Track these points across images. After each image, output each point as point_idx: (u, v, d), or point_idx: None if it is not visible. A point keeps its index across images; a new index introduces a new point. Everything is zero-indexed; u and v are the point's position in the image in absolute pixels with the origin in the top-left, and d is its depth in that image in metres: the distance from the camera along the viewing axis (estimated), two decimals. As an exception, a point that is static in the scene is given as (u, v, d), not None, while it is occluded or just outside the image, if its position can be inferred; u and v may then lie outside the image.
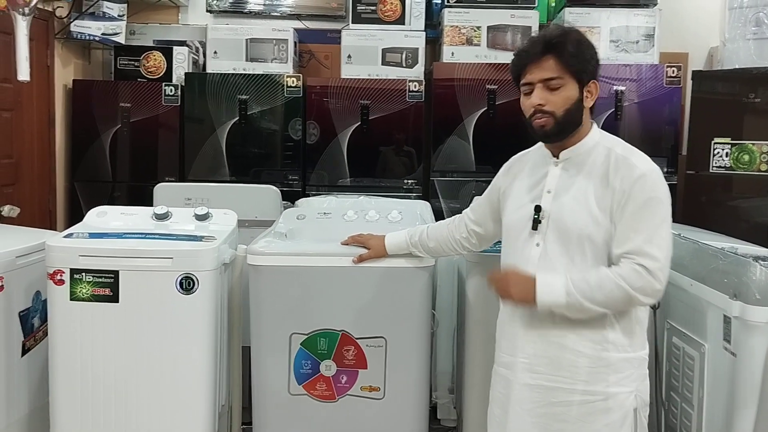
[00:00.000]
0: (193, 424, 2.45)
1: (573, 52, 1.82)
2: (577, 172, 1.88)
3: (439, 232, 2.30)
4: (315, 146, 4.13)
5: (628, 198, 1.78)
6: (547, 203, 1.89)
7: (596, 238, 1.82)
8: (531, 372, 1.92)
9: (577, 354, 1.86)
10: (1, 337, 2.47)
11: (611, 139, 1.92)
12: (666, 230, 1.79)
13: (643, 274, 1.75)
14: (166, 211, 2.65)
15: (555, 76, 1.83)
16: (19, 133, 3.72)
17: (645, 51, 4.15)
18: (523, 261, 1.91)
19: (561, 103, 1.84)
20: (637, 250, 1.76)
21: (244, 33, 4.28)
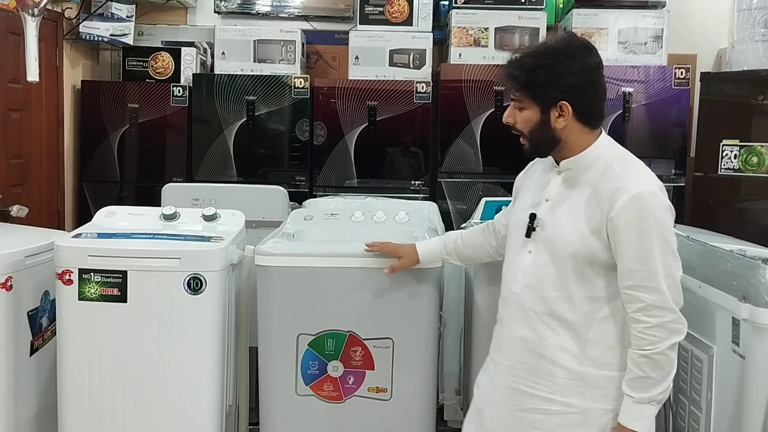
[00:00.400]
0: (201, 424, 2.45)
1: (524, 81, 1.82)
2: (575, 185, 1.86)
3: (474, 239, 2.28)
4: (322, 147, 4.14)
5: (618, 226, 1.75)
6: (544, 212, 1.89)
7: (580, 255, 1.81)
8: (512, 375, 1.93)
9: (554, 365, 1.86)
10: (9, 336, 2.48)
11: (616, 154, 1.87)
12: (665, 251, 1.75)
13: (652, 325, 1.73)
14: (174, 211, 2.65)
15: (517, 96, 1.86)
16: (27, 134, 3.74)
17: (653, 52, 4.14)
18: (515, 266, 1.93)
19: (523, 124, 1.86)
20: (641, 284, 1.74)
21: (252, 34, 4.29)
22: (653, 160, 4.09)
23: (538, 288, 1.87)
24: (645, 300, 1.74)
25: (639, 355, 1.75)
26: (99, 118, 4.18)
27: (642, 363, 1.75)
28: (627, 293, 1.77)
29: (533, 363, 1.89)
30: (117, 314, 2.40)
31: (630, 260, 1.74)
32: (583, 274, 1.82)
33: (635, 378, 1.77)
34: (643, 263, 1.73)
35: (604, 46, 4.14)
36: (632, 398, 1.78)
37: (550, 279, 1.85)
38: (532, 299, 1.88)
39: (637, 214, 1.73)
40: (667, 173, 4.06)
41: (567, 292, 1.83)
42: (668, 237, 1.76)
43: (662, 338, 1.74)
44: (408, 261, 2.34)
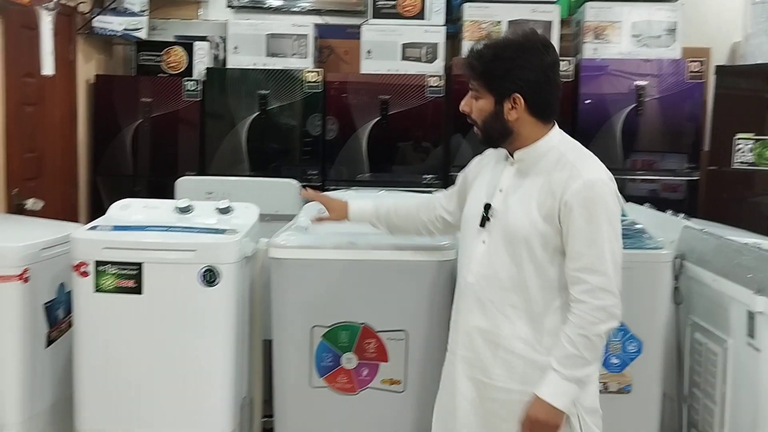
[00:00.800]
0: (215, 416, 2.47)
1: (481, 72, 1.88)
2: (527, 174, 1.90)
3: (407, 209, 2.29)
4: (334, 141, 4.14)
5: (571, 210, 1.79)
6: (498, 202, 1.92)
7: (533, 241, 1.84)
8: (470, 366, 1.95)
9: (511, 354, 1.88)
10: (26, 328, 2.50)
11: (568, 145, 1.92)
12: (613, 236, 1.80)
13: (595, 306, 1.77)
14: (189, 204, 2.67)
15: (473, 87, 1.91)
16: (42, 128, 3.76)
17: (667, 46, 4.13)
18: (470, 256, 1.95)
19: (477, 114, 1.91)
20: (588, 266, 1.78)
21: (265, 28, 4.30)
22: (666, 154, 4.09)
23: (492, 277, 1.89)
24: (591, 282, 1.77)
25: (577, 334, 1.78)
26: (112, 112, 4.20)
27: (578, 342, 1.77)
28: (574, 275, 1.80)
29: (490, 353, 1.91)
30: (132, 306, 2.41)
31: (580, 243, 1.78)
32: (537, 262, 1.84)
33: (568, 355, 1.79)
34: (591, 247, 1.77)
35: (618, 39, 4.13)
36: (560, 374, 1.79)
37: (504, 268, 1.87)
38: (488, 289, 1.90)
39: (589, 200, 1.78)
40: (680, 167, 4.05)
41: (522, 281, 1.86)
42: (616, 224, 1.81)
43: (602, 320, 1.77)
44: (336, 215, 2.35)
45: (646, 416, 2.49)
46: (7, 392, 2.48)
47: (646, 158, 4.09)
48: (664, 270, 2.46)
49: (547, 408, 1.79)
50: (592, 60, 4.11)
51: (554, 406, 1.79)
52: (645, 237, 2.52)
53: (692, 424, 2.55)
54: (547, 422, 1.80)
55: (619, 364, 2.47)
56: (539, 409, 1.80)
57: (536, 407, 1.81)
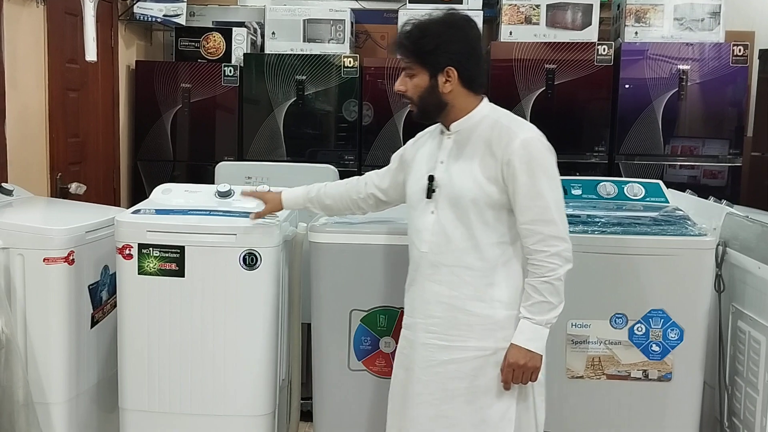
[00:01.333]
0: (255, 397, 2.50)
1: (410, 48, 1.99)
2: (466, 143, 2.00)
3: (336, 190, 2.37)
4: (370, 127, 4.15)
5: (513, 168, 1.90)
6: (440, 173, 2.02)
7: (480, 202, 1.95)
8: (427, 332, 2.03)
9: (467, 314, 1.98)
10: (72, 309, 2.55)
11: (500, 113, 2.03)
12: (554, 187, 1.93)
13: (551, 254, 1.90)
14: (229, 188, 2.69)
15: (406, 64, 2.01)
16: (85, 113, 3.83)
17: (710, 29, 4.04)
18: (420, 227, 2.04)
19: (413, 90, 2.01)
20: (537, 218, 1.90)
21: (302, 14, 4.31)
22: (708, 140, 4.02)
23: (445, 243, 1.99)
24: (543, 232, 1.91)
25: (540, 282, 1.92)
26: (153, 97, 4.26)
27: (543, 289, 1.92)
28: (525, 228, 1.93)
29: (447, 316, 2.00)
30: (175, 288, 2.45)
31: (525, 197, 1.91)
32: (485, 221, 1.96)
33: (535, 303, 1.93)
34: (536, 199, 1.90)
35: (659, 23, 4.06)
36: (531, 320, 1.93)
37: (456, 231, 1.98)
38: (442, 254, 2.00)
39: (529, 156, 1.90)
40: (722, 153, 3.99)
41: (474, 241, 1.97)
42: (555, 175, 1.95)
43: (559, 265, 1.92)
44: (272, 206, 2.43)
45: (687, 404, 2.47)
46: (54, 371, 2.53)
47: (687, 144, 4.02)
48: (707, 257, 2.43)
49: (525, 352, 1.93)
50: (632, 44, 4.05)
51: (531, 350, 1.93)
52: (688, 224, 2.49)
53: (733, 412, 2.52)
54: (526, 365, 1.94)
55: (660, 351, 2.45)
56: (518, 355, 1.94)
57: (515, 353, 1.94)
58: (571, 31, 4.12)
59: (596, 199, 2.81)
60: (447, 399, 2.00)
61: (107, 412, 2.78)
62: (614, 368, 2.48)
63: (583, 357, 2.49)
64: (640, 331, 2.45)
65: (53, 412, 2.54)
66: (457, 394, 1.99)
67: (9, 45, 3.10)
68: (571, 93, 4.04)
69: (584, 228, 2.48)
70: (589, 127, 4.09)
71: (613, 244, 2.44)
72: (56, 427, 2.55)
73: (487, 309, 1.97)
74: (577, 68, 4.01)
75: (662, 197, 2.80)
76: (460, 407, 2.00)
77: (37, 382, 2.50)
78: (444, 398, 2.00)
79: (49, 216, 2.85)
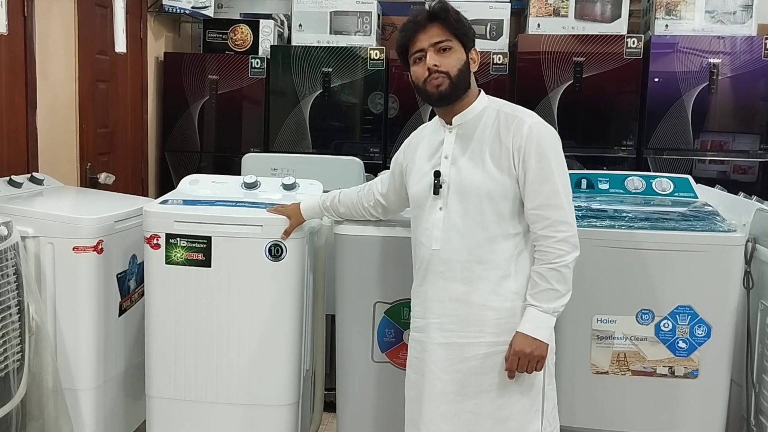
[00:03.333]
0: (280, 387, 2.53)
1: (456, 18, 1.96)
2: (471, 136, 1.98)
3: (349, 198, 2.38)
4: (395, 119, 4.15)
5: (524, 153, 1.89)
6: (446, 168, 1.99)
7: (494, 193, 1.93)
8: (442, 331, 2.00)
9: (483, 308, 1.95)
10: (100, 297, 2.59)
11: (499, 102, 2.03)
12: (563, 173, 1.92)
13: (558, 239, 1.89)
14: (255, 180, 2.71)
15: (444, 38, 1.95)
16: (114, 104, 3.87)
17: (742, 22, 3.98)
18: (429, 226, 2.01)
19: (454, 64, 1.95)
20: (546, 203, 1.89)
21: (329, 5, 4.31)
22: (738, 134, 3.96)
23: (458, 239, 1.96)
24: (551, 217, 1.89)
25: (547, 269, 1.90)
26: (180, 89, 4.29)
27: (550, 276, 1.89)
28: (534, 213, 1.91)
29: (463, 313, 1.97)
30: (201, 278, 2.47)
31: (534, 182, 1.90)
32: (500, 213, 1.94)
33: (542, 290, 1.90)
34: (545, 184, 1.89)
35: (690, 15, 4.00)
36: (538, 308, 1.91)
37: (467, 226, 1.95)
38: (455, 251, 1.97)
39: (537, 141, 1.90)
40: (753, 148, 3.93)
41: (487, 234, 1.94)
42: (563, 160, 1.94)
43: (567, 251, 1.90)
44: (295, 221, 2.43)
45: (713, 402, 2.45)
46: (83, 358, 2.58)
47: (716, 139, 3.97)
48: (736, 253, 2.40)
49: (531, 341, 1.90)
50: (662, 37, 3.99)
51: (537, 338, 1.91)
52: (717, 220, 2.46)
53: (760, 410, 2.49)
54: (532, 353, 1.91)
55: (687, 348, 2.43)
56: (524, 343, 1.91)
57: (521, 342, 1.91)
58: (600, 24, 4.08)
59: (624, 194, 2.79)
60: (470, 395, 1.98)
61: (134, 399, 2.82)
62: (640, 364, 2.47)
63: (609, 353, 2.47)
64: (667, 327, 2.43)
65: (81, 398, 2.59)
66: (481, 390, 1.98)
67: (40, 37, 3.15)
68: (600, 86, 4.00)
69: (611, 223, 2.47)
70: (618, 120, 4.05)
71: (641, 239, 2.42)
72: (84, 413, 2.59)
73: (503, 302, 1.95)
74: (606, 61, 3.97)
75: (691, 192, 2.77)
76: (484, 403, 1.98)
77: (66, 368, 2.55)
78: (467, 395, 1.98)
79: (79, 205, 2.90)
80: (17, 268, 2.36)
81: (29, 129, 3.12)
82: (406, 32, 1.99)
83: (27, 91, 3.10)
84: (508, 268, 1.95)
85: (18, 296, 2.37)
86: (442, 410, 2.01)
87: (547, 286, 1.90)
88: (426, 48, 1.95)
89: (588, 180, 2.85)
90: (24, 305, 2.39)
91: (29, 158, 3.12)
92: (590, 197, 2.74)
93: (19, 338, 2.39)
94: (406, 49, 2.01)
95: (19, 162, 3.07)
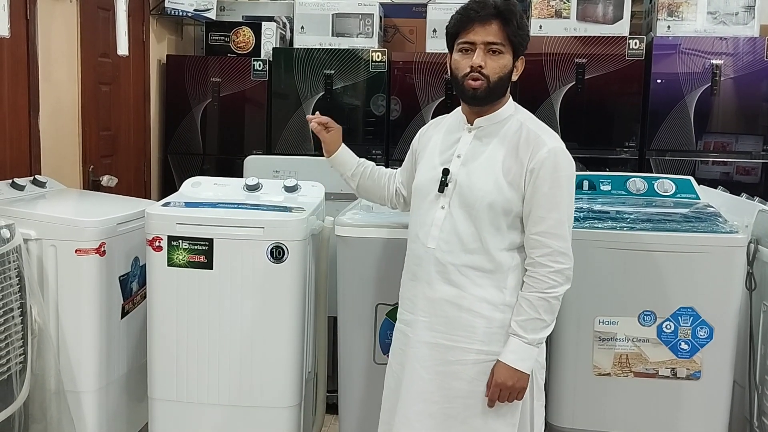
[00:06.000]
0: (281, 389, 2.53)
1: (518, 23, 1.89)
2: (489, 141, 1.94)
3: (379, 175, 2.32)
4: (398, 121, 4.15)
5: (537, 176, 1.85)
6: (456, 167, 1.95)
7: (497, 206, 1.89)
8: (430, 330, 1.97)
9: (474, 315, 1.92)
10: (103, 299, 2.60)
11: (525, 114, 1.98)
12: (571, 204, 1.90)
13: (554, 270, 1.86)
14: (257, 182, 2.72)
15: (499, 41, 1.87)
16: (116, 106, 3.88)
17: (745, 23, 3.97)
18: (428, 222, 1.97)
19: (498, 69, 1.89)
20: (549, 230, 1.85)
21: (331, 8, 4.32)
22: (741, 136, 3.95)
23: (455, 242, 1.93)
24: (552, 246, 1.85)
25: (537, 298, 1.87)
26: (183, 91, 4.30)
27: (539, 305, 1.86)
28: (535, 239, 1.87)
29: (453, 315, 1.94)
30: (203, 280, 2.48)
31: (542, 208, 1.85)
32: (498, 227, 1.90)
33: (529, 319, 1.87)
34: (552, 211, 1.85)
35: (693, 16, 4.00)
36: (523, 339, 1.88)
37: (467, 231, 1.91)
38: (450, 253, 1.93)
39: (554, 166, 1.85)
40: (756, 149, 3.92)
41: (484, 244, 1.91)
42: (573, 191, 1.91)
43: (560, 283, 1.87)
44: (328, 147, 2.32)
45: (715, 403, 2.44)
46: (85, 361, 2.58)
47: (719, 140, 3.96)
48: (738, 255, 2.39)
49: (513, 372, 1.88)
50: (665, 38, 3.99)
51: (520, 370, 1.88)
52: (719, 221, 2.46)
53: (763, 412, 2.48)
54: (514, 386, 1.88)
55: (689, 350, 2.42)
56: (506, 375, 1.88)
57: (503, 373, 1.89)
58: (602, 25, 4.07)
59: (626, 195, 2.79)
60: (449, 398, 1.95)
61: (137, 402, 2.83)
62: (642, 366, 2.46)
63: (611, 354, 2.47)
64: (669, 328, 2.43)
65: (84, 400, 2.59)
66: (460, 394, 1.95)
67: (43, 39, 3.16)
68: (602, 88, 3.99)
69: (613, 224, 2.46)
70: (620, 122, 4.05)
71: (643, 240, 2.42)
72: (87, 415, 2.60)
73: (494, 311, 1.92)
74: (608, 63, 3.97)
75: (693, 194, 2.77)
76: (462, 408, 1.95)
77: (69, 370, 2.55)
78: (446, 397, 1.96)
79: (81, 208, 2.90)
80: (20, 271, 2.36)
81: (32, 132, 3.13)
82: (465, 18, 1.90)
83: (30, 94, 3.11)
84: (505, 280, 1.92)
85: (20, 299, 2.38)
86: (418, 409, 1.98)
87: (534, 315, 1.87)
88: (478, 43, 1.88)
89: (590, 181, 2.85)
90: (26, 308, 2.40)
91: (32, 161, 3.12)
92: (592, 199, 2.74)
93: (22, 341, 2.40)
94: (456, 34, 1.93)
95: (22, 165, 3.07)
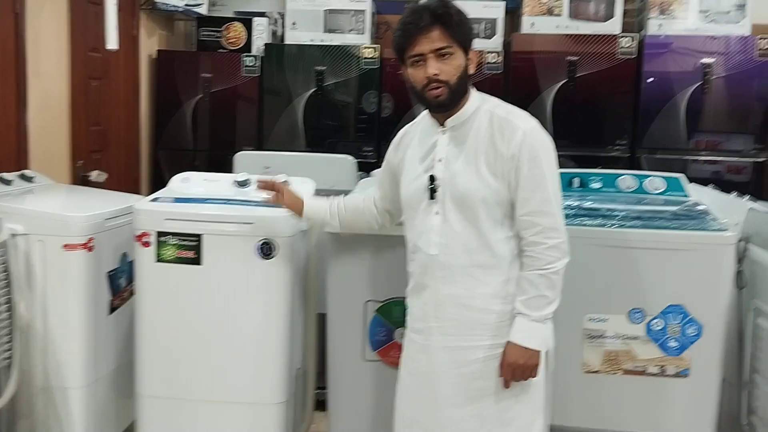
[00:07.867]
0: (270, 385, 2.52)
1: (458, 21, 1.88)
2: (464, 139, 1.94)
3: (355, 204, 2.28)
4: (389, 118, 4.14)
5: (518, 161, 1.87)
6: (440, 171, 1.95)
7: (490, 200, 1.90)
8: (444, 335, 1.97)
9: (485, 312, 1.93)
10: (90, 295, 2.58)
11: (492, 102, 1.98)
12: (555, 179, 1.90)
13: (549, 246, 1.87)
14: (247, 178, 2.70)
15: (445, 45, 1.87)
16: (106, 101, 3.85)
17: (736, 22, 3.98)
18: (426, 230, 1.97)
19: (454, 71, 1.89)
20: (537, 209, 1.87)
21: (323, 4, 4.31)
22: (732, 134, 3.97)
23: (456, 243, 1.93)
24: (542, 223, 1.87)
25: (537, 275, 1.88)
26: (174, 87, 4.28)
27: (539, 282, 1.88)
28: (525, 219, 1.89)
29: (464, 316, 1.95)
30: (192, 276, 2.46)
31: (526, 189, 1.87)
32: (495, 218, 1.91)
33: (532, 297, 1.89)
34: (536, 191, 1.87)
35: (684, 15, 4.01)
36: (528, 317, 1.89)
37: (465, 231, 1.92)
38: (453, 255, 1.94)
39: (532, 147, 1.87)
40: (747, 148, 3.94)
41: (485, 239, 1.91)
42: (555, 166, 1.92)
43: (557, 258, 1.88)
44: (291, 206, 2.30)
45: (705, 401, 2.44)
46: (72, 357, 2.56)
47: (710, 138, 3.97)
48: (728, 253, 2.40)
49: (523, 351, 1.89)
50: (656, 36, 4.00)
51: (529, 348, 1.89)
52: (708, 219, 2.46)
53: (752, 410, 2.49)
54: (526, 364, 1.90)
55: (678, 347, 2.43)
56: (517, 354, 1.90)
57: (513, 352, 1.90)
58: (594, 23, 4.08)
59: (616, 193, 2.79)
60: (475, 399, 1.96)
61: (124, 398, 2.81)
62: (631, 363, 2.46)
63: (600, 351, 2.47)
64: (658, 326, 2.43)
65: (71, 396, 2.57)
66: (485, 393, 1.95)
67: (32, 33, 3.13)
68: (593, 86, 4.00)
69: (603, 222, 2.46)
70: (611, 120, 4.05)
71: (633, 238, 2.42)
72: (74, 412, 2.58)
73: (502, 305, 1.93)
74: (600, 60, 3.97)
75: (683, 191, 2.77)
76: (488, 405, 1.96)
77: (56, 366, 2.54)
78: (472, 398, 1.96)
79: (70, 203, 2.88)
80: (7, 266, 2.35)
81: (20, 126, 3.11)
82: (406, 33, 1.89)
83: (18, 88, 3.09)
84: (508, 271, 1.93)
85: (7, 294, 2.37)
86: (448, 414, 1.98)
87: (536, 293, 1.88)
88: (426, 53, 1.87)
89: (580, 179, 2.85)
90: (13, 303, 2.38)
91: (19, 156, 3.11)
92: (582, 196, 2.73)
93: (9, 336, 2.39)
94: (403, 50, 1.92)
95: (10, 159, 3.05)
